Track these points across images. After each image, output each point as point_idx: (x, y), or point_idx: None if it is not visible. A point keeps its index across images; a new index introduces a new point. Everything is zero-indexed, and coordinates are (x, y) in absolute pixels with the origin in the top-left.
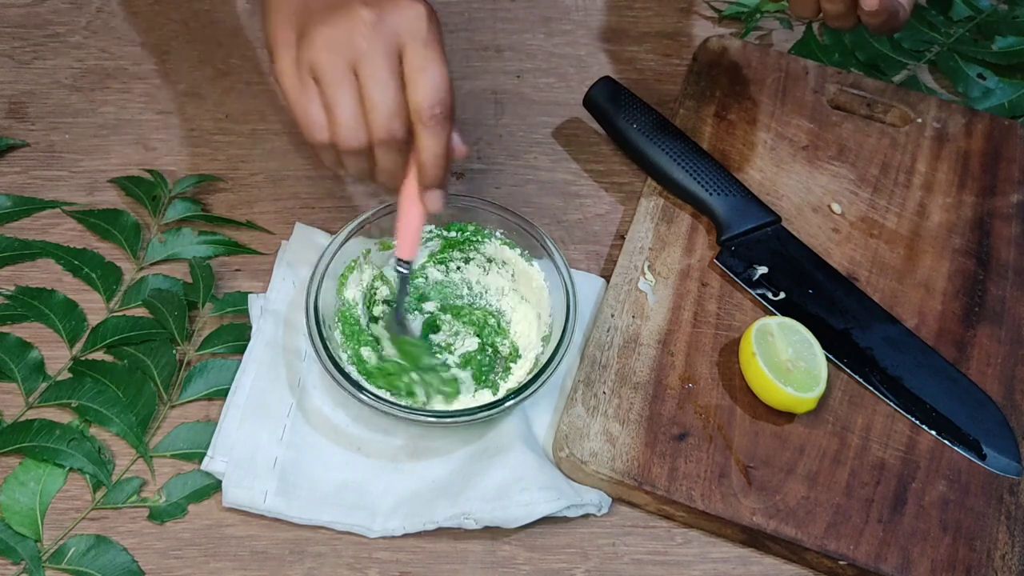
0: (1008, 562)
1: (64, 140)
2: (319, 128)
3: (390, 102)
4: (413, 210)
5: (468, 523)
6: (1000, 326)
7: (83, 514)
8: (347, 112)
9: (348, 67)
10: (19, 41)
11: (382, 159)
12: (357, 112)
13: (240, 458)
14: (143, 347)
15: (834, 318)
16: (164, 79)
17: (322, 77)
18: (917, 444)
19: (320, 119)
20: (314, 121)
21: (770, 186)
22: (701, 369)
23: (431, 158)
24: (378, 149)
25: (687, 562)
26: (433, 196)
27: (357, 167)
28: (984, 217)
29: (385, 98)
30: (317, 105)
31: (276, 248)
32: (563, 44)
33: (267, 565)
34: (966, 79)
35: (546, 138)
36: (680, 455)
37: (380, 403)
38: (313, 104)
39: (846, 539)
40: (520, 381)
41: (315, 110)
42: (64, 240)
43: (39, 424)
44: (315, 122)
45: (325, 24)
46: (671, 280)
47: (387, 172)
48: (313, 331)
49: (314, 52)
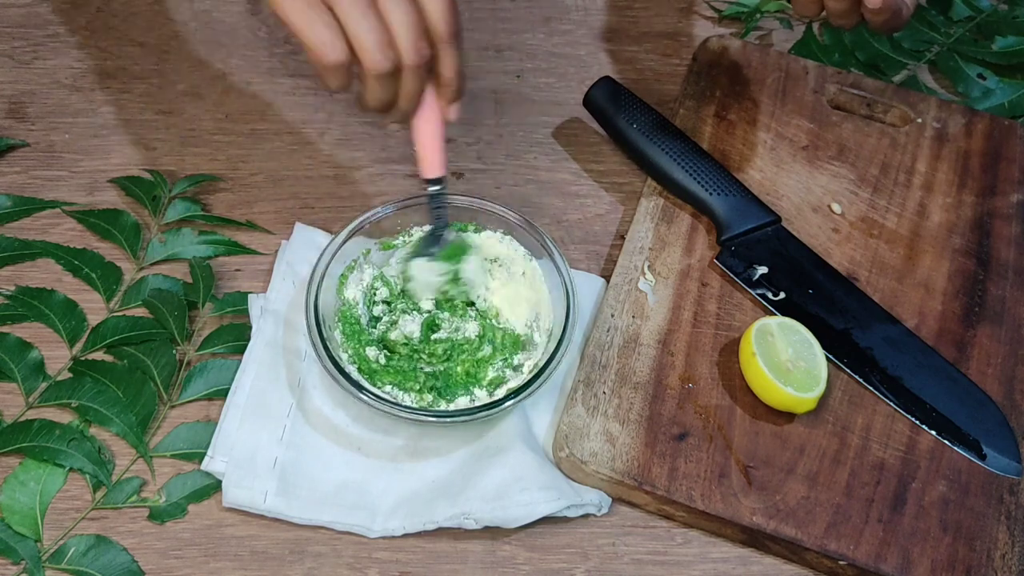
0: (1008, 562)
1: (64, 140)
2: (332, 48)
3: (416, 24)
4: (431, 126)
5: (468, 523)
6: (1000, 326)
7: (83, 514)
8: (375, 35)
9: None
10: (19, 41)
11: (409, 82)
12: (384, 36)
13: (240, 458)
14: (143, 347)
15: (834, 318)
16: (164, 79)
17: (338, 4)
18: (917, 444)
19: (332, 38)
20: (326, 40)
21: (770, 186)
22: (701, 369)
23: (454, 71)
24: (407, 73)
25: (687, 562)
26: (456, 107)
27: (382, 94)
28: (984, 217)
29: (408, 21)
30: (331, 29)
31: (276, 248)
32: (563, 44)
33: (267, 565)
34: (966, 79)
35: (546, 138)
36: (680, 455)
37: (380, 403)
38: (323, 25)
39: (846, 539)
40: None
41: (325, 30)
42: (64, 240)
43: (39, 424)
44: (327, 41)
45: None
46: (671, 280)
47: (410, 97)
48: (313, 331)
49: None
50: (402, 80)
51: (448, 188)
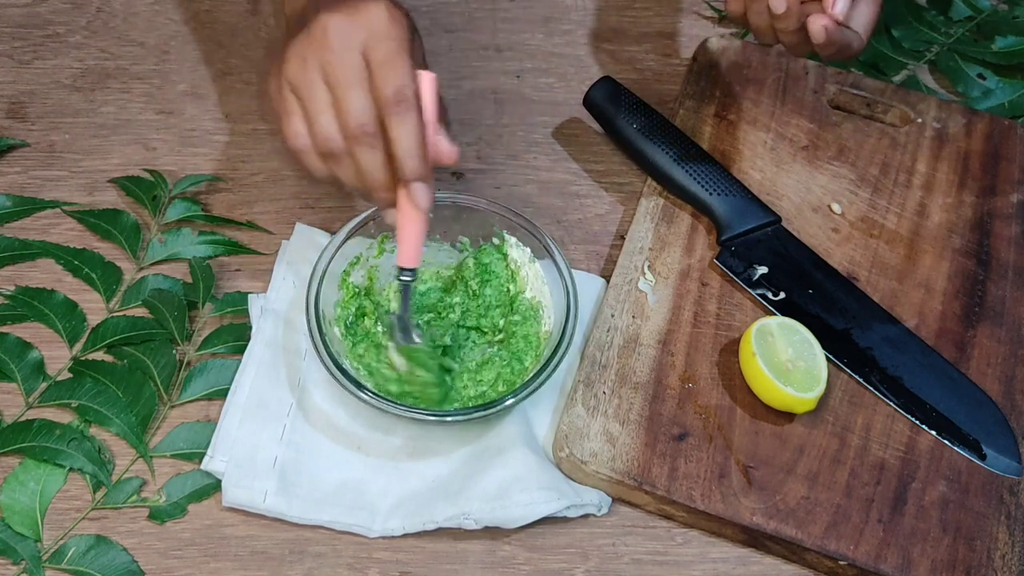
0: (1008, 562)
1: (64, 140)
2: (295, 135)
3: (358, 100)
4: (409, 215)
5: (468, 523)
6: (1000, 326)
7: (83, 514)
8: (321, 116)
9: (319, 76)
10: (19, 41)
11: (360, 159)
12: (331, 116)
13: (240, 458)
14: (143, 347)
15: (834, 318)
16: (164, 79)
17: (297, 90)
18: (917, 444)
19: (296, 127)
20: (293, 128)
21: (770, 186)
22: (701, 369)
23: (403, 148)
24: (354, 148)
25: (687, 562)
26: (417, 190)
27: (341, 173)
28: (984, 217)
29: (353, 96)
30: (295, 116)
31: (276, 248)
32: (563, 44)
33: (267, 565)
34: (966, 79)
35: (546, 138)
36: (680, 455)
37: (380, 402)
38: (291, 115)
39: (846, 539)
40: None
41: (292, 120)
42: (64, 240)
43: (39, 424)
44: (292, 131)
45: (296, 42)
46: (671, 280)
47: (368, 173)
48: (314, 330)
49: (288, 68)
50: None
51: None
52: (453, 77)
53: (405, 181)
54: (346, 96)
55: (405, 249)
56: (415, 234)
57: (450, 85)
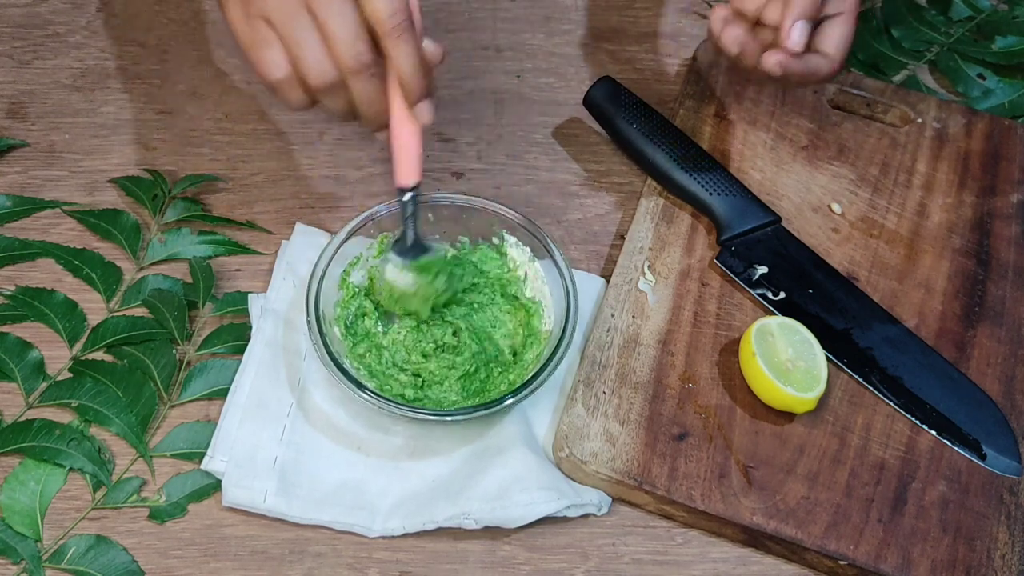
0: (1008, 562)
1: (64, 140)
2: (275, 66)
3: (350, 26)
4: (405, 130)
5: (468, 523)
6: (1000, 326)
7: (83, 514)
8: (309, 47)
9: (300, 5)
10: (19, 41)
11: (358, 90)
12: (320, 45)
13: (240, 457)
14: (143, 347)
15: (834, 318)
16: (164, 79)
17: (275, 18)
18: (917, 444)
19: (275, 57)
20: (269, 59)
21: (770, 186)
22: (701, 369)
23: (408, 68)
24: (351, 80)
25: (687, 562)
26: (423, 108)
27: (335, 105)
28: (984, 217)
29: (343, 24)
30: (272, 46)
31: (276, 248)
32: (563, 44)
33: (267, 565)
34: (966, 79)
35: (546, 138)
36: (680, 455)
37: (380, 402)
38: (266, 45)
39: (846, 539)
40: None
41: (269, 50)
42: (64, 240)
43: (39, 424)
44: (270, 60)
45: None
46: (671, 280)
47: (367, 103)
48: (314, 330)
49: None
50: (350, 87)
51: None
52: (453, 77)
53: (412, 101)
54: (336, 24)
55: (405, 165)
56: (415, 147)
57: (450, 85)
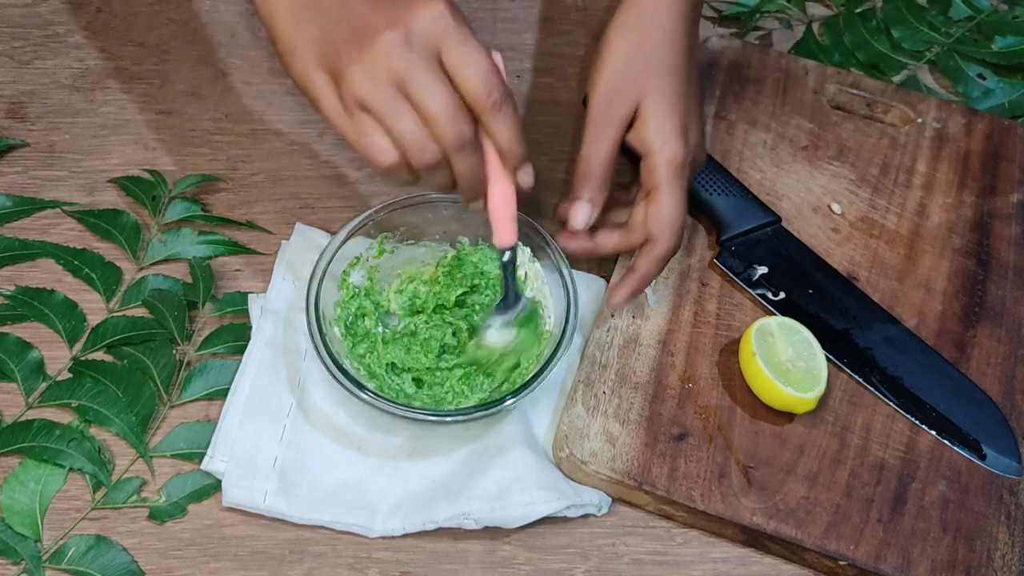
0: (1008, 562)
1: (64, 140)
2: (384, 152)
3: (448, 107)
4: (499, 191)
5: (468, 523)
6: (1000, 326)
7: (83, 514)
8: (410, 129)
9: (395, 90)
10: (19, 41)
11: (460, 165)
12: (420, 127)
13: (240, 458)
14: (143, 347)
15: (834, 318)
16: (164, 79)
17: (373, 106)
18: (917, 444)
19: (383, 144)
20: (378, 147)
21: (770, 186)
22: (701, 369)
23: (509, 141)
24: (453, 156)
25: (687, 562)
26: (525, 172)
27: (439, 180)
28: (984, 217)
29: (442, 105)
30: (376, 133)
31: (276, 248)
32: (563, 44)
33: (267, 565)
34: (966, 79)
35: (546, 138)
36: (680, 455)
37: (380, 402)
38: (371, 133)
39: (846, 539)
40: None
41: (375, 138)
42: (64, 240)
43: (39, 424)
44: (379, 148)
45: (358, 60)
46: (671, 280)
47: (468, 176)
48: (314, 330)
49: (357, 88)
50: (453, 164)
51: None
52: None
53: (513, 169)
54: (434, 105)
55: (505, 227)
56: (511, 209)
57: None
